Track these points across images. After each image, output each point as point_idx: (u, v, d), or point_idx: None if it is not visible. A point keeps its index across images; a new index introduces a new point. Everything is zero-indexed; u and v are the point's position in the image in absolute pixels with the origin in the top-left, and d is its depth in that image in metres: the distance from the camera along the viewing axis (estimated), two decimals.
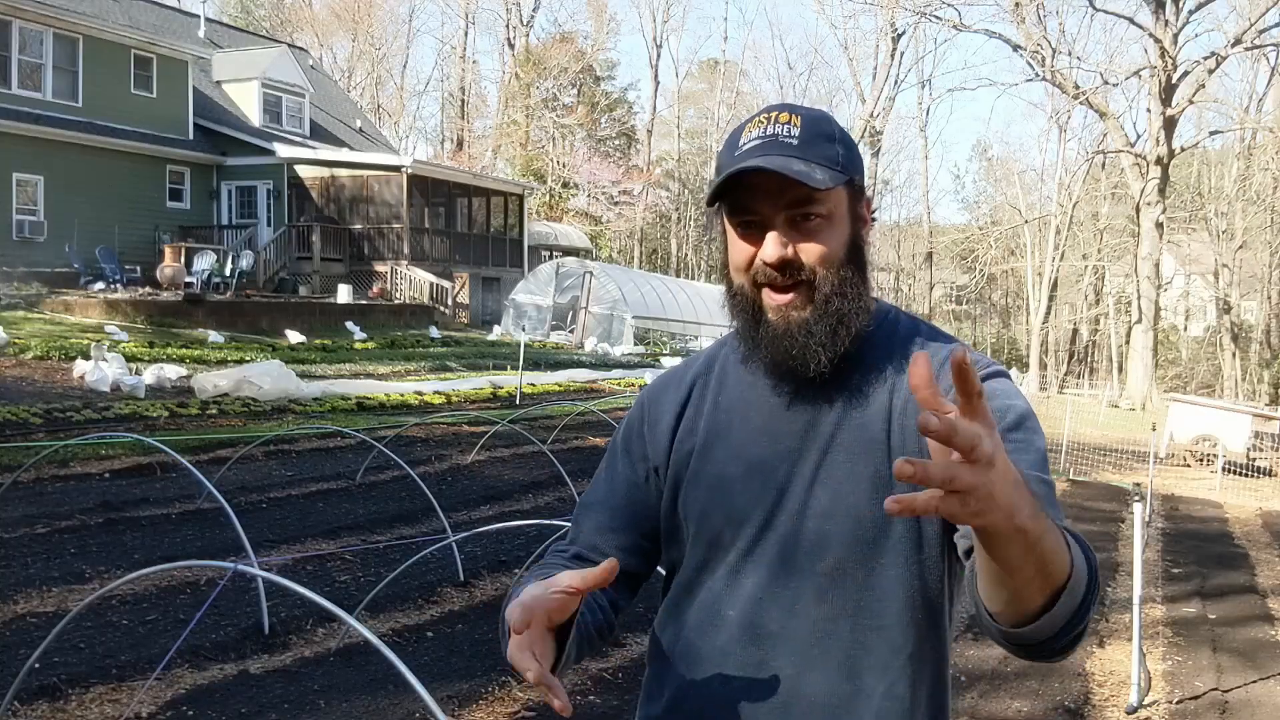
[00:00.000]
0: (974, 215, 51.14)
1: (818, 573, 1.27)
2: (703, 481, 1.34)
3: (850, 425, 1.29)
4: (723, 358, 1.42)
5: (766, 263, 1.27)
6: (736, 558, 1.31)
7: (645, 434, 1.42)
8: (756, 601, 1.29)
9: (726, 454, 1.34)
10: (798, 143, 1.26)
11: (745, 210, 1.28)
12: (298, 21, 48.17)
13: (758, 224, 1.28)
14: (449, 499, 8.09)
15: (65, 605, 5.05)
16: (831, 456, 1.28)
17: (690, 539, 1.35)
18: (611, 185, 43.46)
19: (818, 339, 1.27)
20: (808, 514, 1.28)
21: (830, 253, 1.27)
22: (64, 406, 10.49)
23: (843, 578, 1.26)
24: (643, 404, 1.46)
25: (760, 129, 1.28)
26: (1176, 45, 28.32)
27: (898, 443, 1.27)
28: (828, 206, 1.27)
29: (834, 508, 1.27)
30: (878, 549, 1.26)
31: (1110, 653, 5.70)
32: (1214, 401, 19.27)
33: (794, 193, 1.25)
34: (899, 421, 1.28)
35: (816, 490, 1.28)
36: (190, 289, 19.91)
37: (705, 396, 1.39)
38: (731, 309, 1.35)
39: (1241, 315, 39.30)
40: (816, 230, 1.27)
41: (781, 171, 1.23)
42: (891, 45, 42.96)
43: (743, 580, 1.30)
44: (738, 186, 1.26)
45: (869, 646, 1.26)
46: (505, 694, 4.50)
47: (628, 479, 1.42)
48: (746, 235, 1.29)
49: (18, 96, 20.86)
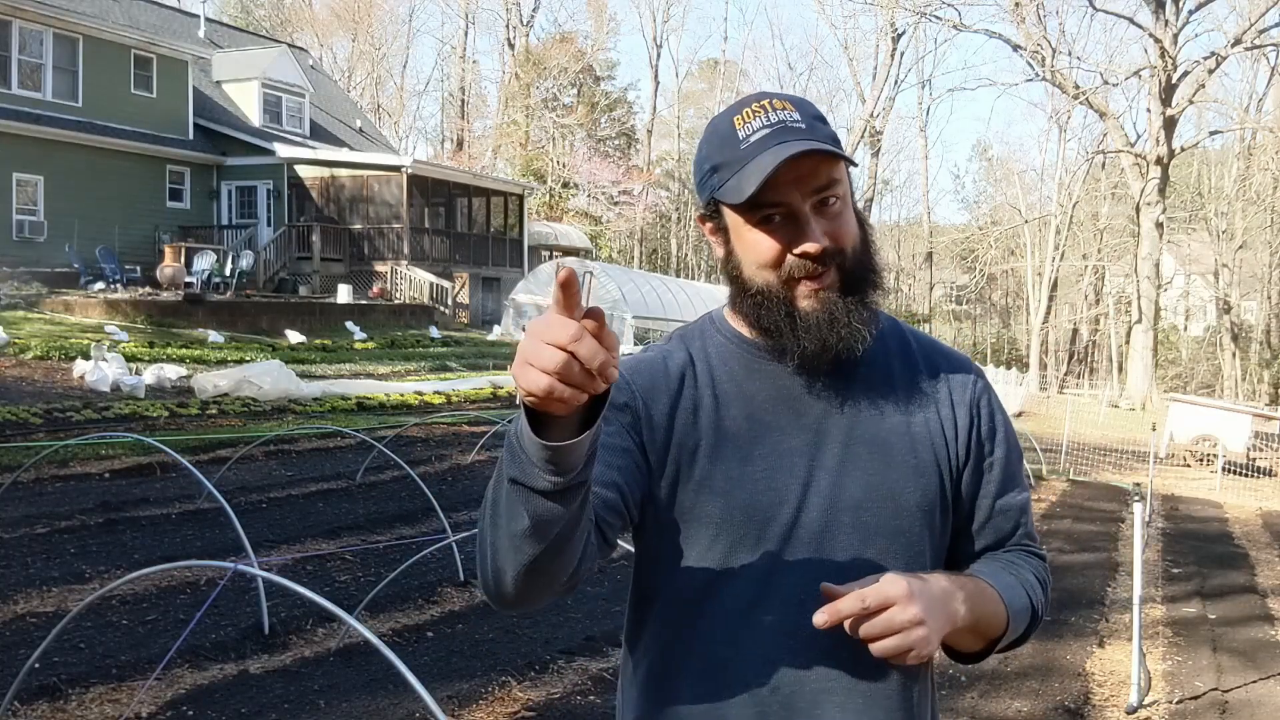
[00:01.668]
0: (974, 215, 51.21)
1: (860, 564, 1.23)
2: (716, 484, 1.26)
3: (868, 417, 1.28)
4: (705, 351, 1.32)
5: (810, 255, 1.21)
6: (765, 560, 1.24)
7: (640, 411, 1.26)
8: (798, 604, 1.22)
9: (736, 450, 1.26)
10: (804, 126, 1.22)
11: (768, 204, 1.21)
12: (298, 21, 48.18)
13: (782, 216, 1.22)
14: (449, 499, 8.09)
15: (65, 605, 5.05)
16: (854, 449, 1.26)
17: (705, 543, 1.26)
18: (611, 185, 43.43)
19: (858, 316, 1.24)
20: (841, 508, 1.24)
21: (853, 232, 1.25)
22: (64, 406, 10.49)
23: (887, 566, 1.23)
24: (627, 380, 1.27)
25: (761, 118, 1.22)
26: (1176, 45, 28.33)
27: (920, 434, 1.29)
28: (843, 186, 1.25)
29: (867, 499, 1.25)
30: (911, 536, 1.27)
31: (1110, 653, 5.70)
32: (1214, 401, 19.29)
33: (818, 179, 1.21)
34: (920, 413, 1.30)
35: (846, 482, 1.25)
36: (190, 289, 19.90)
37: (700, 392, 1.29)
38: (753, 311, 1.27)
39: (1241, 315, 39.30)
40: (839, 213, 1.24)
41: (831, 149, 1.19)
42: (891, 45, 42.97)
43: (778, 582, 1.24)
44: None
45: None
46: (505, 694, 4.50)
47: (620, 443, 1.23)
48: (769, 230, 1.22)
49: (18, 96, 20.86)
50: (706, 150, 1.27)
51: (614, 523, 1.21)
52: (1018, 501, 1.36)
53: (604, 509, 1.18)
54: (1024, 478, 1.40)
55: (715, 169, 1.24)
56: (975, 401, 1.34)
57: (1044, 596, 1.36)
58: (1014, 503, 1.36)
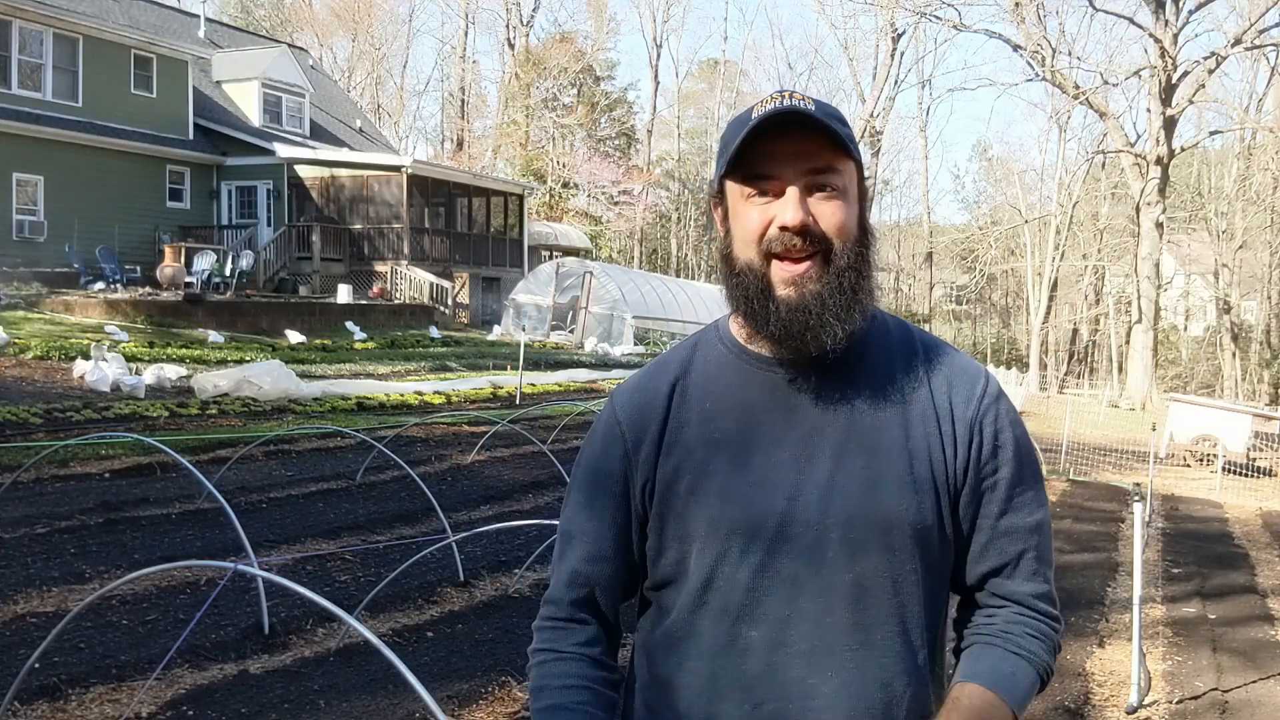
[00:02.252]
0: (974, 215, 51.19)
1: (847, 583, 1.22)
2: (703, 496, 1.26)
3: (862, 430, 1.25)
4: (699, 361, 1.33)
5: (786, 226, 1.21)
6: (750, 574, 1.23)
7: (629, 453, 1.31)
8: (783, 619, 1.22)
9: (726, 464, 1.26)
10: (815, 112, 1.22)
11: (761, 176, 1.23)
12: (298, 21, 48.18)
13: (774, 191, 1.23)
14: (449, 499, 8.09)
15: (65, 605, 5.04)
16: (847, 462, 1.23)
17: (693, 556, 1.26)
18: (611, 185, 43.43)
19: (832, 311, 1.21)
20: (829, 523, 1.22)
21: (847, 225, 1.24)
22: (64, 406, 10.48)
23: (871, 585, 1.22)
24: (618, 419, 1.34)
25: (774, 104, 1.22)
26: (1176, 45, 28.31)
27: (918, 449, 1.25)
28: (844, 179, 1.24)
29: (856, 515, 1.22)
30: (903, 554, 1.23)
31: (1110, 653, 5.70)
32: (1214, 401, 19.28)
33: (815, 159, 1.22)
34: (918, 428, 1.26)
35: (835, 497, 1.22)
36: (190, 289, 19.90)
37: (688, 404, 1.30)
38: (735, 291, 1.27)
39: (1241, 315, 39.30)
40: (832, 201, 1.23)
41: (821, 118, 1.20)
42: (891, 45, 42.94)
43: (763, 598, 1.23)
44: (756, 151, 1.22)
45: (898, 652, 1.24)
46: (505, 694, 4.50)
47: (615, 502, 1.33)
48: (760, 202, 1.23)
49: (18, 96, 20.86)
50: (724, 136, 1.29)
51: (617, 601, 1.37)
52: (1025, 524, 1.29)
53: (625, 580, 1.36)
54: (1038, 499, 1.31)
55: (725, 148, 1.26)
56: (978, 417, 1.28)
57: (1049, 659, 1.30)
58: (1020, 524, 1.29)
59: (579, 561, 1.34)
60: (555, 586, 1.37)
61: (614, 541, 1.33)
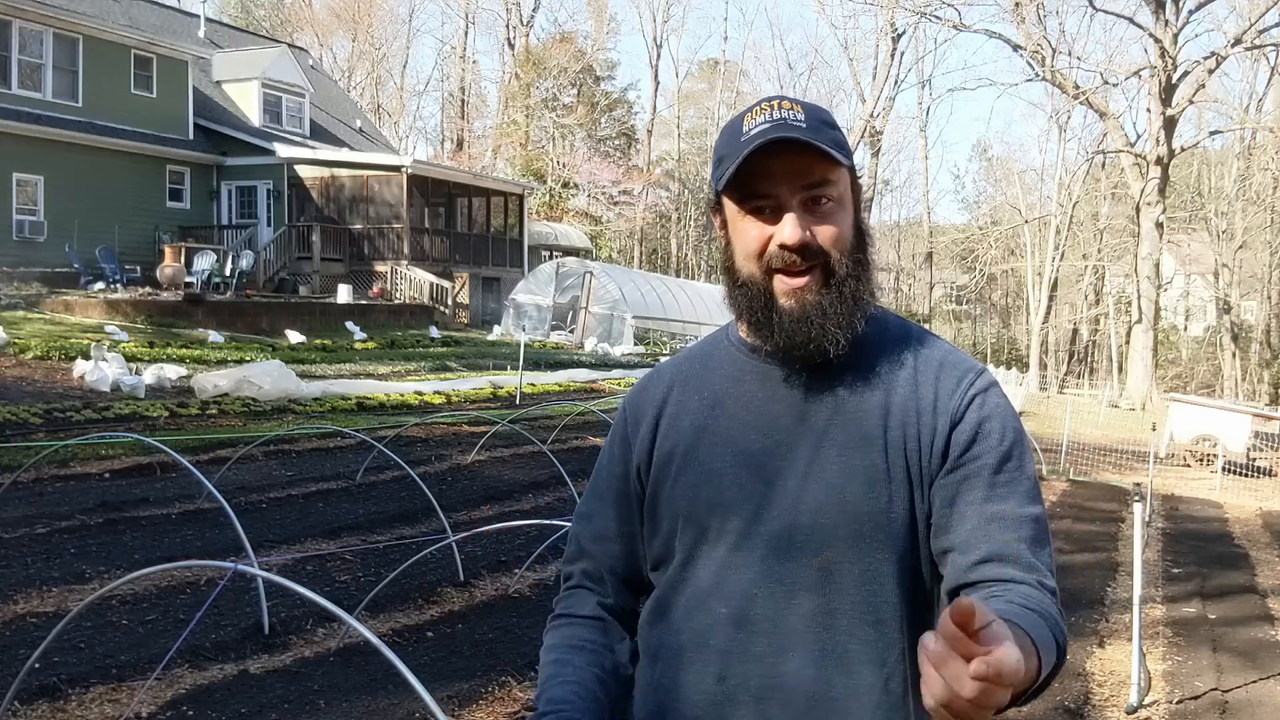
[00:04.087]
0: (974, 215, 51.20)
1: (812, 567, 1.25)
2: (688, 476, 1.32)
3: (844, 420, 1.28)
4: (707, 354, 1.41)
5: (785, 245, 1.25)
6: (725, 552, 1.29)
7: (629, 435, 1.41)
8: (750, 597, 1.27)
9: (713, 448, 1.32)
10: (806, 125, 1.24)
11: (758, 195, 1.26)
12: (298, 21, 48.18)
13: (771, 209, 1.26)
14: (449, 499, 8.09)
15: (65, 605, 5.04)
16: (824, 451, 1.27)
17: (677, 534, 1.33)
18: (611, 185, 43.44)
19: (834, 320, 1.26)
20: (801, 508, 1.26)
21: (843, 235, 1.28)
22: (64, 406, 10.48)
23: (838, 572, 1.25)
24: (625, 408, 1.45)
25: (765, 115, 1.26)
26: (1176, 45, 28.32)
27: (894, 439, 1.27)
28: (839, 189, 1.27)
29: (827, 501, 1.25)
30: (874, 543, 1.25)
31: (1110, 653, 5.70)
32: (1214, 401, 19.28)
33: (809, 176, 1.25)
34: (898, 419, 1.28)
35: (810, 484, 1.26)
36: (190, 289, 19.91)
37: (689, 393, 1.38)
38: (738, 302, 1.32)
39: (1241, 315, 39.32)
40: (829, 213, 1.27)
41: (812, 141, 1.22)
42: (891, 45, 42.98)
43: (733, 575, 1.28)
44: (750, 171, 1.25)
45: (866, 640, 1.25)
46: (505, 694, 4.50)
47: (618, 486, 1.42)
48: (758, 220, 1.27)
49: (18, 96, 20.86)
50: (717, 145, 1.32)
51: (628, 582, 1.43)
52: (1017, 512, 1.24)
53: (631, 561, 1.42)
54: (1029, 490, 1.26)
55: (719, 161, 1.30)
56: (962, 406, 1.27)
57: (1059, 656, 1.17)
58: (1009, 512, 1.24)
59: (588, 540, 1.45)
60: (566, 561, 1.49)
61: (617, 522, 1.42)
